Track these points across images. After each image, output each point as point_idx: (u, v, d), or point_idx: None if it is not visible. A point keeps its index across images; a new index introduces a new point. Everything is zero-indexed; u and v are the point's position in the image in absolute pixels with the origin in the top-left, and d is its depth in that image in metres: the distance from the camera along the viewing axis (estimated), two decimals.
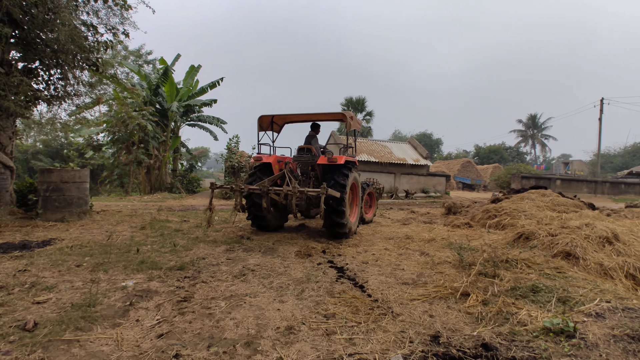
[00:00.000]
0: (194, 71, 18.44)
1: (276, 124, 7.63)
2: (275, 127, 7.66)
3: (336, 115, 7.22)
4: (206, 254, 5.12)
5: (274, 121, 7.45)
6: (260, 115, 7.15)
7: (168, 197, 14.59)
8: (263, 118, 7.17)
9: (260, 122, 7.22)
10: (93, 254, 4.79)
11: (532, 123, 62.30)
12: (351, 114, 6.84)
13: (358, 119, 7.44)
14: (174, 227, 7.09)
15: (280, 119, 7.55)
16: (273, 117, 7.26)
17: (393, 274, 4.48)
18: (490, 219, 6.94)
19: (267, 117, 7.21)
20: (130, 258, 4.67)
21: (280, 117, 7.36)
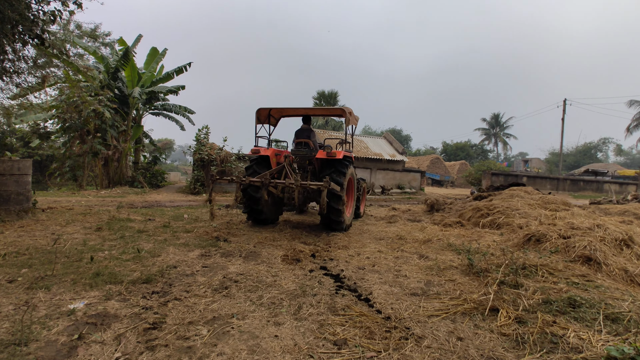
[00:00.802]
0: (159, 55, 16.98)
1: (273, 117, 7.58)
2: (272, 120, 7.61)
3: (335, 110, 7.16)
4: (178, 261, 4.34)
5: (271, 114, 7.40)
6: (259, 108, 7.05)
7: (129, 192, 13.29)
8: (261, 111, 7.08)
9: (258, 115, 7.12)
10: (32, 265, 3.86)
11: (495, 122, 65.06)
12: (350, 109, 6.79)
13: (355, 115, 7.35)
14: (137, 228, 6.16)
15: (277, 113, 7.51)
16: (270, 110, 7.17)
17: (397, 282, 3.97)
18: (482, 217, 6.66)
19: (265, 110, 7.13)
20: (82, 269, 3.80)
21: (277, 110, 7.31)
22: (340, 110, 6.87)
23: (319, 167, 6.83)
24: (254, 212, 6.80)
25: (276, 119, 7.88)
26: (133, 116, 16.80)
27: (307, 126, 7.53)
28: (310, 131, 7.42)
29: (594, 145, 65.55)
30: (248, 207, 6.75)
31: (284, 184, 5.82)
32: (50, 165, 14.72)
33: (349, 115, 6.78)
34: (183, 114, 18.00)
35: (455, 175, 45.29)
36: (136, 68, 15.75)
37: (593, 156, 63.82)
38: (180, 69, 16.55)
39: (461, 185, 44.85)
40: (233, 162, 15.13)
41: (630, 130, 46.27)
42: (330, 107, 7.10)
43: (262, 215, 6.82)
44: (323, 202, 5.47)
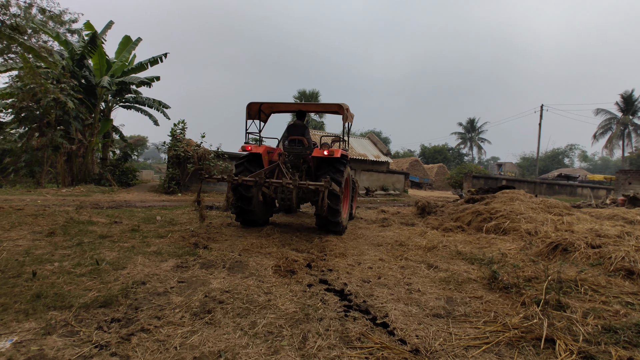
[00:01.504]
0: (132, 44, 15.75)
1: (263, 112, 7.11)
2: (262, 116, 7.12)
3: (331, 106, 6.67)
4: (147, 275, 3.56)
5: (262, 109, 6.92)
6: (249, 103, 6.57)
7: (95, 191, 12.09)
8: (251, 105, 6.61)
9: (249, 110, 6.66)
10: None
11: (471, 126, 66.63)
12: (347, 105, 6.35)
13: (351, 112, 6.94)
14: (100, 232, 5.27)
15: (267, 108, 7.04)
16: (261, 105, 6.70)
17: (412, 299, 3.38)
18: (485, 222, 6.23)
19: (255, 105, 6.67)
20: (19, 289, 2.96)
21: (268, 105, 6.85)
22: (337, 106, 6.39)
23: (315, 166, 6.41)
24: (245, 212, 6.34)
25: (266, 115, 7.36)
26: (101, 108, 15.48)
27: (301, 122, 6.97)
28: (305, 128, 6.88)
29: (562, 151, 68.46)
30: (238, 207, 6.26)
31: (280, 183, 5.35)
32: (4, 160, 13.23)
33: (346, 112, 6.34)
34: (157, 108, 16.80)
35: (433, 178, 45.78)
36: (105, 56, 14.49)
37: (560, 161, 66.59)
38: (155, 60, 15.41)
39: (439, 188, 45.39)
40: (212, 160, 14.18)
41: (596, 137, 48.51)
42: (326, 104, 6.59)
43: (254, 216, 6.39)
44: (324, 204, 5.06)
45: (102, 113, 15.41)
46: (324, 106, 6.75)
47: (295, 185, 5.21)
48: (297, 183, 5.20)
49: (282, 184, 5.32)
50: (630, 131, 45.98)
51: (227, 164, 15.16)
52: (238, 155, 15.91)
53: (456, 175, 24.57)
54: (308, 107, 6.95)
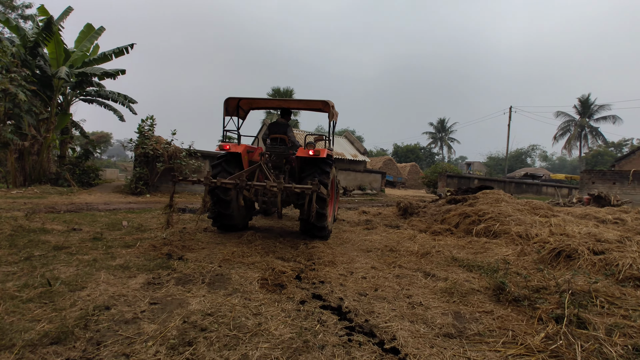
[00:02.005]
0: (94, 33, 14.52)
1: (241, 108, 6.54)
2: (240, 112, 6.55)
3: (315, 103, 6.15)
4: (112, 297, 3.02)
5: (240, 105, 6.36)
6: (227, 98, 6.02)
7: (51, 192, 10.99)
8: (229, 101, 6.07)
9: (227, 106, 6.11)
10: None
11: (441, 126, 68.51)
12: (332, 103, 5.92)
13: (336, 110, 6.46)
14: (54, 243, 4.59)
15: (246, 104, 6.50)
16: (239, 100, 6.17)
17: (416, 315, 3.08)
18: (474, 224, 6.10)
19: (234, 100, 6.13)
20: None
21: (247, 101, 6.31)
22: (323, 103, 5.94)
23: (299, 166, 5.97)
24: (223, 217, 5.85)
25: (245, 111, 6.80)
26: (59, 102, 14.19)
27: (284, 120, 6.56)
28: (287, 126, 6.44)
29: (525, 151, 72.00)
30: (215, 211, 5.78)
31: (264, 186, 4.91)
32: None
33: (332, 109, 5.93)
34: (123, 103, 15.63)
35: (406, 177, 46.56)
36: (63, 45, 13.25)
37: (523, 161, 70.05)
38: (120, 50, 14.28)
39: (412, 186, 46.25)
40: (183, 159, 13.37)
41: (556, 138, 51.30)
42: (310, 100, 5.98)
43: (232, 221, 5.93)
44: (312, 209, 4.71)
45: (60, 107, 14.13)
46: (307, 103, 6.21)
47: (280, 188, 4.79)
48: (283, 186, 4.78)
49: (266, 187, 4.89)
50: (586, 133, 48.99)
51: (200, 163, 14.39)
52: (212, 154, 15.15)
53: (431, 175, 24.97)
54: (289, 103, 6.47)
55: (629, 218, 8.08)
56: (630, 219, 8.02)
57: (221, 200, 5.62)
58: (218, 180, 4.98)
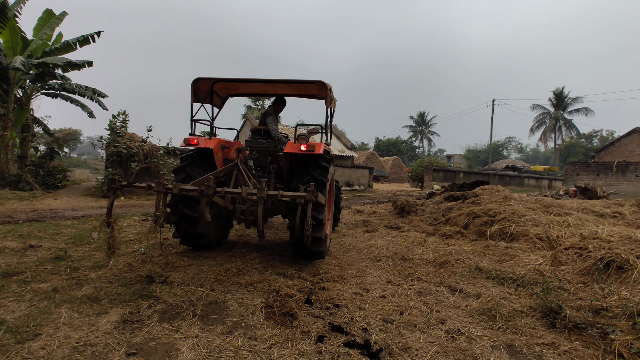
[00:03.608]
0: (54, 19, 13.16)
1: (217, 94, 5.37)
2: (215, 98, 5.41)
3: (308, 87, 5.05)
4: (75, 348, 2.30)
5: (214, 90, 5.20)
6: (196, 79, 4.75)
7: (9, 197, 9.82)
8: (199, 83, 4.83)
9: (195, 89, 4.85)
10: None
11: (421, 120, 69.04)
12: (330, 86, 4.64)
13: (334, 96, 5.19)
14: (4, 267, 3.75)
15: (223, 88, 5.34)
16: (214, 82, 4.99)
17: (461, 349, 2.53)
18: (486, 225, 5.65)
19: (206, 83, 4.94)
20: None
21: (224, 84, 5.18)
22: (318, 85, 4.72)
23: (288, 165, 4.75)
24: (190, 236, 4.64)
25: (221, 98, 5.63)
26: (18, 96, 12.81)
27: (271, 109, 5.47)
28: (269, 115, 5.35)
29: (501, 143, 73.79)
30: (181, 229, 4.54)
31: (239, 194, 3.71)
32: None
33: (330, 92, 4.62)
34: (91, 97, 14.32)
35: (389, 170, 46.58)
36: (20, 32, 11.90)
37: (500, 153, 71.77)
38: (85, 39, 12.96)
39: (395, 180, 46.33)
40: (161, 158, 12.38)
41: (532, 130, 52.67)
42: (302, 81, 4.70)
43: (202, 240, 4.72)
44: (307, 225, 3.50)
45: (19, 102, 12.77)
46: (298, 87, 5.05)
47: (261, 196, 3.54)
48: (265, 193, 3.54)
49: (242, 195, 3.65)
50: (560, 125, 50.52)
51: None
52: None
53: (416, 168, 24.81)
54: (277, 87, 5.21)
55: (626, 211, 7.91)
56: (627, 212, 7.85)
57: (186, 217, 4.38)
58: (175, 186, 3.68)
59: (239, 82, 5.14)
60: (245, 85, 5.35)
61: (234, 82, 5.12)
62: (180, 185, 3.69)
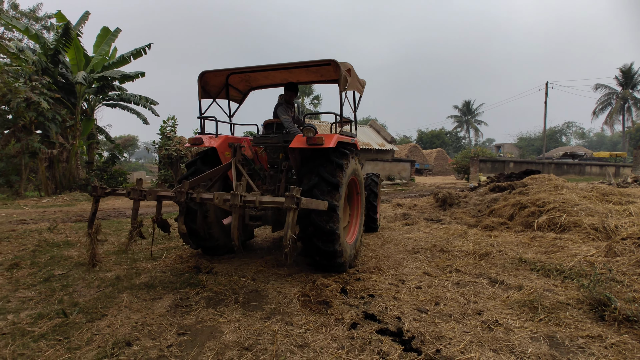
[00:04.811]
0: (111, 35, 14.46)
1: (234, 87, 4.97)
2: (233, 92, 5.02)
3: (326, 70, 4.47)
4: (135, 327, 2.60)
5: (230, 83, 4.82)
6: (203, 72, 4.39)
7: (80, 199, 11.03)
8: (207, 77, 4.46)
9: (203, 84, 4.51)
10: None
11: (467, 109, 65.72)
12: (348, 65, 4.07)
13: (358, 77, 4.57)
14: (77, 259, 4.29)
15: (241, 81, 4.92)
16: (229, 75, 4.58)
17: (498, 340, 2.47)
18: (533, 216, 5.34)
19: (216, 76, 4.52)
20: None
21: (241, 76, 4.74)
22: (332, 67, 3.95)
23: (299, 163, 4.05)
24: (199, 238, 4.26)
25: (241, 92, 5.21)
26: (83, 108, 14.29)
27: (283, 98, 4.88)
28: (280, 104, 4.80)
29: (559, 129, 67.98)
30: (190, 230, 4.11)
31: (210, 199, 3.18)
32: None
33: (345, 72, 3.87)
34: (144, 105, 15.58)
35: (433, 163, 45.05)
36: (82, 50, 13.23)
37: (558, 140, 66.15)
38: (138, 52, 14.15)
39: (440, 173, 44.70)
40: None
41: (596, 113, 47.87)
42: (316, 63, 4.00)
43: (212, 242, 4.31)
44: (287, 236, 2.81)
45: (84, 113, 14.23)
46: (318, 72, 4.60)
47: (236, 203, 3.01)
48: (241, 200, 3.01)
49: (214, 202, 3.13)
50: (630, 105, 45.36)
51: None
52: None
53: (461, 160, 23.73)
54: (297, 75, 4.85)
55: None
56: None
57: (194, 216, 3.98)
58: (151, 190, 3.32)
59: (256, 73, 4.68)
60: (263, 76, 4.88)
61: (251, 74, 4.73)
62: (163, 191, 3.40)
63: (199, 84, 4.43)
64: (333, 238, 3.54)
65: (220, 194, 3.11)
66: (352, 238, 4.29)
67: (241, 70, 4.36)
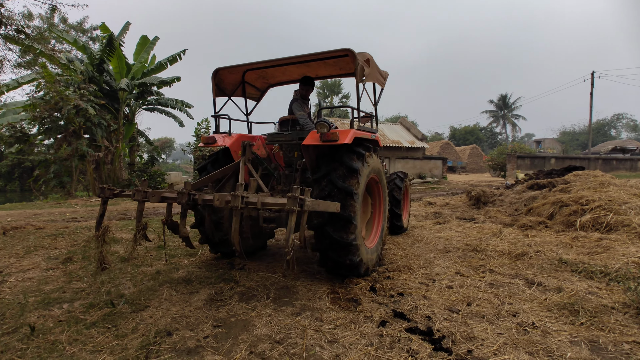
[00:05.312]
0: (149, 44, 15.26)
1: (251, 85, 4.78)
2: (250, 90, 4.85)
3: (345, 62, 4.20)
4: (174, 318, 2.77)
5: (247, 81, 4.63)
6: (217, 70, 4.20)
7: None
8: (222, 74, 4.26)
9: (218, 82, 4.32)
10: None
11: (503, 103, 62.77)
12: (367, 55, 3.82)
13: (379, 68, 4.34)
14: (122, 254, 4.61)
15: (258, 78, 4.70)
16: (245, 71, 4.39)
17: (534, 343, 2.39)
18: (575, 215, 5.05)
19: (231, 73, 4.32)
20: (9, 355, 2.24)
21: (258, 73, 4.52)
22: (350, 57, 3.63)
23: (314, 160, 3.71)
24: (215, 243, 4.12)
25: (259, 89, 4.98)
26: (125, 113, 15.20)
27: (298, 93, 4.57)
28: (295, 100, 4.51)
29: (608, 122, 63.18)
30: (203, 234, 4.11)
31: (210, 200, 2.98)
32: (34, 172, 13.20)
33: (362, 62, 3.58)
34: (180, 108, 16.32)
35: (466, 160, 43.50)
36: (124, 58, 14.07)
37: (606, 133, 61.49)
38: (174, 58, 14.83)
39: (474, 170, 43.12)
40: None
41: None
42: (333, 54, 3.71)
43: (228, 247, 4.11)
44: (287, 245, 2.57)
45: (126, 117, 15.13)
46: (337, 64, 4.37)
47: (236, 205, 2.78)
48: (241, 201, 2.78)
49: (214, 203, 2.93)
50: None
51: None
52: None
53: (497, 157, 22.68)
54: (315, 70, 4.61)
55: None
56: None
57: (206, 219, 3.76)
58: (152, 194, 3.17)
59: (272, 68, 4.43)
60: (281, 72, 4.63)
61: (267, 70, 4.49)
62: (162, 193, 3.21)
63: (213, 82, 4.29)
64: (350, 250, 3.30)
65: (221, 195, 2.89)
66: (374, 242, 4.02)
67: (255, 65, 4.13)
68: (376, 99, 4.49)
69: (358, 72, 3.51)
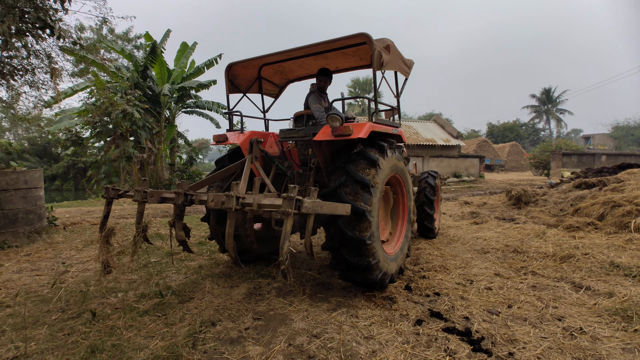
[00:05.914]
0: (188, 50, 15.98)
1: (268, 80, 4.53)
2: (268, 86, 4.61)
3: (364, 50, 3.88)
4: (217, 310, 2.93)
5: (263, 76, 4.41)
6: (230, 65, 4.03)
7: None
8: (236, 69, 4.10)
9: (232, 77, 4.16)
10: (5, 331, 2.61)
11: (547, 98, 59.11)
12: (387, 41, 3.48)
13: (403, 56, 3.97)
14: (167, 249, 4.91)
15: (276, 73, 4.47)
16: (261, 66, 4.21)
17: (581, 348, 2.30)
18: (629, 216, 4.71)
19: (246, 68, 4.14)
20: (74, 338, 2.49)
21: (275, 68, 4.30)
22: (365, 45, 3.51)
23: (327, 157, 3.45)
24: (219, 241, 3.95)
25: (277, 85, 4.74)
26: (166, 116, 16.04)
27: (313, 86, 4.27)
28: (311, 93, 4.18)
29: None
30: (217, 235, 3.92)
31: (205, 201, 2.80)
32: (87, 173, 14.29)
33: (380, 48, 3.28)
34: (216, 110, 16.97)
35: (506, 158, 41.50)
36: (165, 64, 14.84)
37: None
38: (210, 62, 15.44)
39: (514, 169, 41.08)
40: None
41: None
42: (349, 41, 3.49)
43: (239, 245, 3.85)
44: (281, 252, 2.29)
45: (167, 120, 15.95)
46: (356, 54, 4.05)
47: (230, 206, 2.55)
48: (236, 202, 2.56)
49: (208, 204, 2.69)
50: None
51: None
52: None
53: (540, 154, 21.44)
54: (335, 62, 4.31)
55: None
56: None
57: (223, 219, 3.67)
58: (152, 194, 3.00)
59: (289, 62, 4.18)
60: (298, 65, 4.33)
61: (284, 64, 4.23)
62: (164, 192, 3.02)
63: (226, 78, 4.12)
64: (362, 249, 2.91)
65: (216, 195, 2.64)
66: (395, 248, 3.63)
67: (269, 59, 3.95)
68: (398, 90, 4.11)
69: (375, 59, 3.18)
